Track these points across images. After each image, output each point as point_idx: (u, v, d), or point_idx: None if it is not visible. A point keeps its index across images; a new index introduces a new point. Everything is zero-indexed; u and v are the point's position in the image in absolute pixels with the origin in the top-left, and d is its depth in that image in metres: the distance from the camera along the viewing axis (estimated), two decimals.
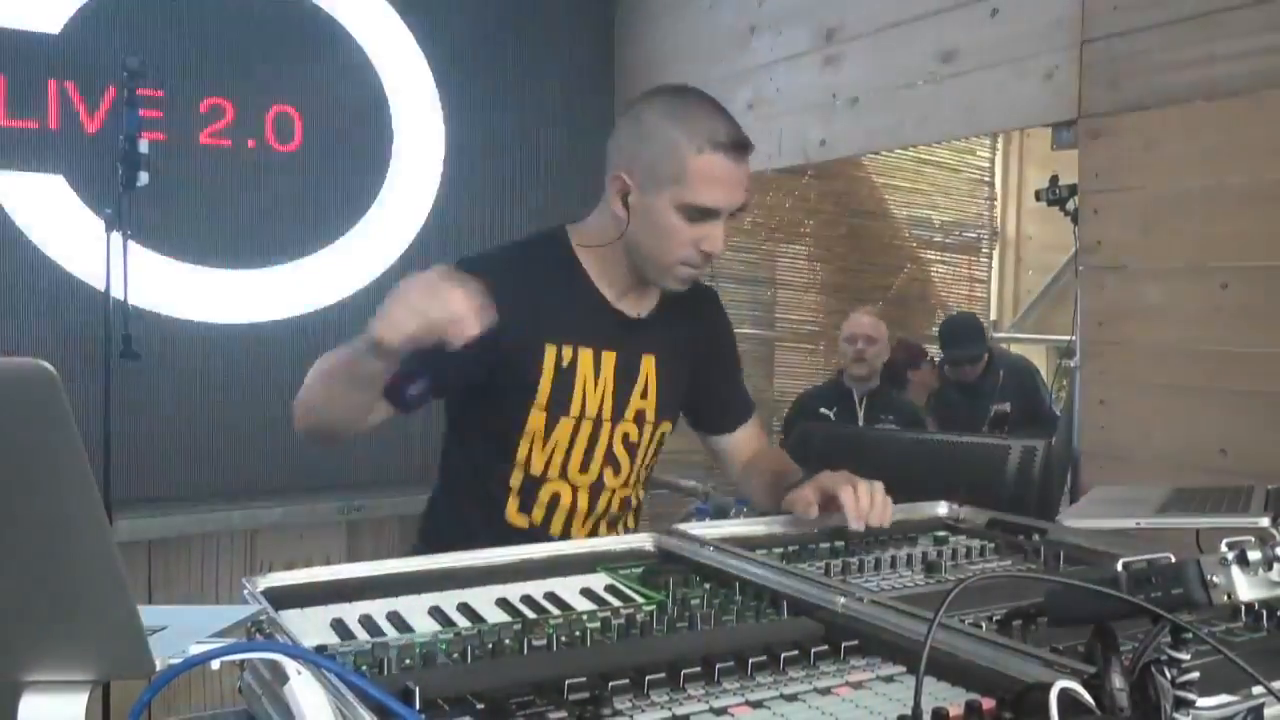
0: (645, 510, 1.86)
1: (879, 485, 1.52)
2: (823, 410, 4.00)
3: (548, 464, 1.63)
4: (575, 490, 1.65)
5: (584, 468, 1.65)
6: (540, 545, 1.43)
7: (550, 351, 1.60)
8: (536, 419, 1.61)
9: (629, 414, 1.67)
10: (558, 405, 1.61)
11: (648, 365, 1.68)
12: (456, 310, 1.28)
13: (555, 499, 1.64)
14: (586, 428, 1.63)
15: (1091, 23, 2.48)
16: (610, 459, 1.67)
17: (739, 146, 1.54)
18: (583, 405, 1.63)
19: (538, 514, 1.65)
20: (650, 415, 1.70)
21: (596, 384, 1.63)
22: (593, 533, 1.70)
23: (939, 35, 2.88)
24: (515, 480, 1.64)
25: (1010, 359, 4.91)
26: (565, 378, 1.61)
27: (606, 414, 1.65)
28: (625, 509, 1.74)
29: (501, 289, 1.44)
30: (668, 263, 1.58)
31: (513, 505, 1.65)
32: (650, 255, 1.59)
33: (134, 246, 3.08)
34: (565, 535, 1.67)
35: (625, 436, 1.68)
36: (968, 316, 5.57)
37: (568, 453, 1.63)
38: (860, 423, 4.04)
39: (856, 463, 1.72)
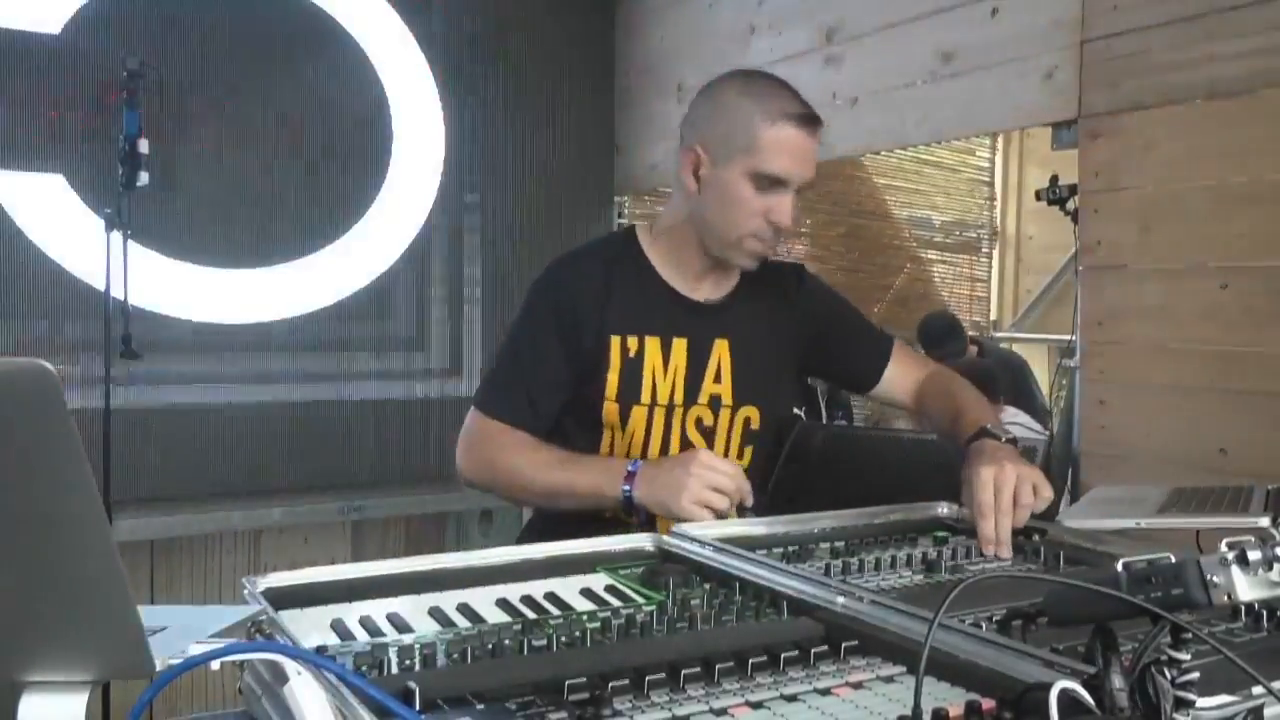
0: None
1: (1024, 488, 1.43)
2: (795, 410, 4.01)
3: (627, 449, 1.70)
4: None
5: (664, 453, 1.70)
6: (540, 545, 1.42)
7: (615, 344, 1.67)
8: (610, 410, 1.68)
9: (702, 398, 1.71)
10: (629, 394, 1.68)
11: (720, 349, 1.71)
12: (740, 493, 1.53)
13: None
14: (660, 414, 1.69)
15: (1091, 23, 2.48)
16: (685, 443, 1.71)
17: (811, 120, 1.62)
18: (653, 393, 1.69)
19: None
20: (726, 399, 1.72)
21: (666, 371, 1.69)
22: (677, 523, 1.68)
23: (939, 35, 2.88)
24: None
25: (1000, 354, 4.93)
26: (633, 367, 1.68)
27: (679, 399, 1.70)
28: None
29: (576, 294, 1.69)
30: (737, 235, 1.63)
31: None
32: (719, 228, 1.64)
33: (134, 246, 3.09)
34: (652, 523, 1.62)
35: (699, 421, 1.72)
36: (944, 315, 5.60)
37: (645, 440, 1.69)
38: (823, 419, 4.09)
39: (857, 463, 1.71)
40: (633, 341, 1.68)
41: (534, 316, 1.73)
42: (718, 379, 1.71)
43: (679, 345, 1.69)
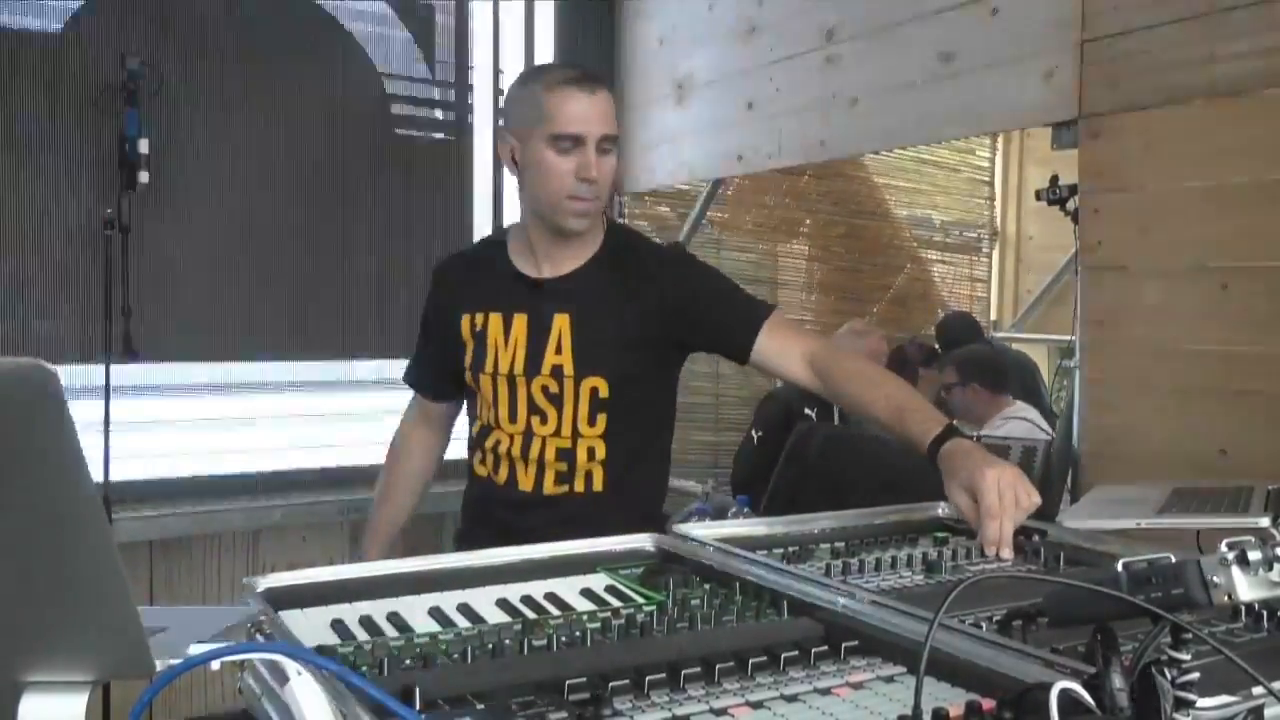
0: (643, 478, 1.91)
1: (1022, 490, 1.42)
2: (806, 411, 4.00)
3: (489, 416, 1.88)
4: (511, 438, 1.86)
5: (512, 418, 1.85)
6: (540, 545, 1.42)
7: (465, 321, 1.88)
8: (469, 378, 1.90)
9: (545, 369, 1.83)
10: (477, 365, 1.87)
11: (560, 322, 1.83)
12: None
13: (497, 444, 1.87)
14: (503, 383, 1.85)
15: (1091, 23, 2.48)
16: (534, 409, 1.84)
17: (587, 79, 1.78)
18: (495, 363, 1.85)
19: (489, 460, 1.89)
20: (568, 370, 1.82)
21: (507, 344, 1.85)
22: (538, 480, 1.84)
23: (939, 35, 2.88)
24: (474, 430, 1.93)
25: (1011, 354, 4.93)
26: (480, 341, 1.87)
27: (519, 369, 1.84)
28: (568, 459, 1.83)
29: (444, 284, 1.97)
30: (556, 199, 1.78)
31: (476, 457, 1.92)
32: (543, 198, 1.80)
33: (134, 247, 3.09)
34: (511, 482, 1.86)
35: (545, 389, 1.83)
36: (964, 315, 5.58)
37: (495, 405, 1.86)
38: (836, 420, 4.04)
39: (857, 464, 1.70)
40: (479, 318, 1.87)
41: (426, 305, 2.03)
42: (559, 350, 1.82)
43: (519, 320, 1.84)
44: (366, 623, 1.13)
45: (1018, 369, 4.64)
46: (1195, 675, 0.81)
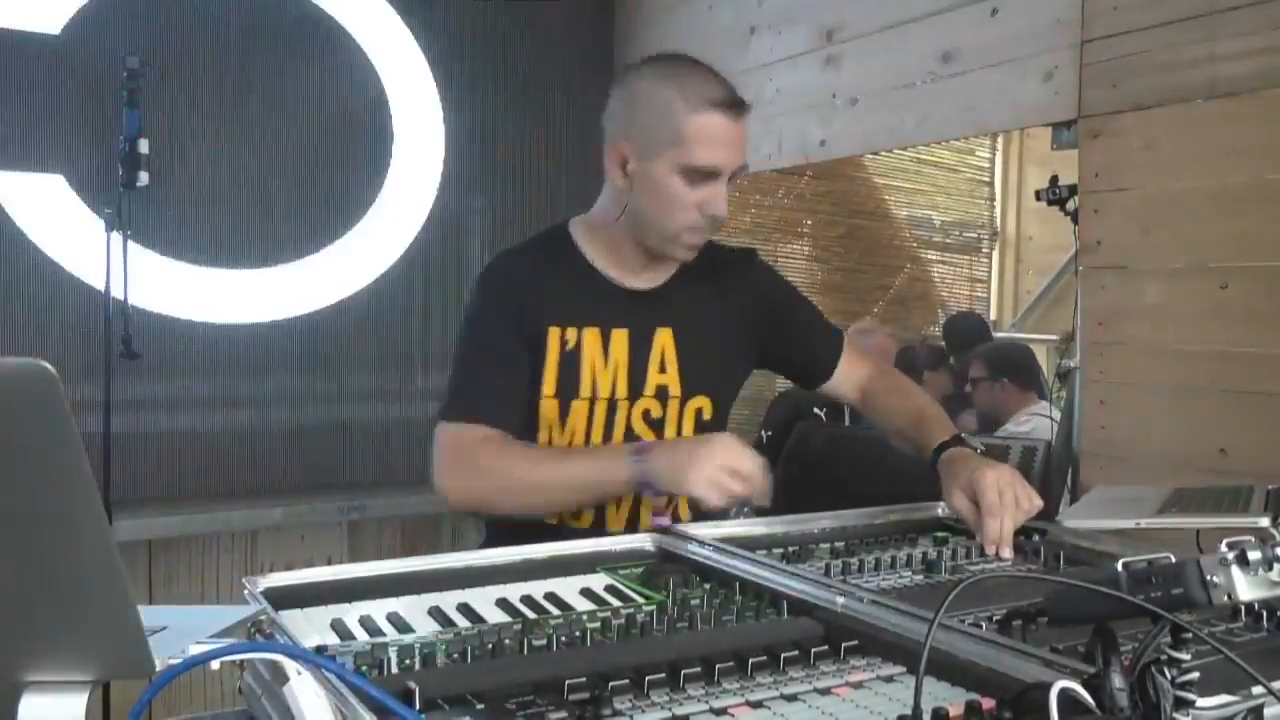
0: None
1: (1021, 491, 1.44)
2: (816, 411, 4.00)
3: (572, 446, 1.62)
4: None
5: None
6: (540, 545, 1.42)
7: (554, 335, 1.60)
8: (549, 407, 1.61)
9: (648, 390, 1.64)
10: (567, 390, 1.60)
11: (663, 338, 1.65)
12: (757, 485, 1.44)
13: None
14: (601, 408, 1.62)
15: (1091, 23, 2.48)
16: (630, 437, 1.63)
17: (735, 105, 1.53)
18: (594, 386, 1.61)
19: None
20: (675, 390, 1.65)
21: (607, 363, 1.62)
22: (632, 518, 1.64)
23: (939, 35, 2.88)
24: None
25: None
26: (570, 361, 1.61)
27: (622, 393, 1.62)
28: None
29: (517, 283, 1.63)
30: (673, 230, 1.57)
31: None
32: (654, 224, 1.57)
33: (134, 246, 3.09)
34: (599, 521, 1.63)
35: (646, 413, 1.65)
36: (972, 316, 5.58)
37: (587, 436, 1.62)
38: (847, 421, 4.04)
39: (857, 463, 1.70)
40: (571, 333, 1.61)
41: (485, 310, 1.66)
42: (663, 369, 1.64)
43: (619, 336, 1.62)
44: (366, 623, 1.13)
45: None
46: (1195, 675, 0.81)
